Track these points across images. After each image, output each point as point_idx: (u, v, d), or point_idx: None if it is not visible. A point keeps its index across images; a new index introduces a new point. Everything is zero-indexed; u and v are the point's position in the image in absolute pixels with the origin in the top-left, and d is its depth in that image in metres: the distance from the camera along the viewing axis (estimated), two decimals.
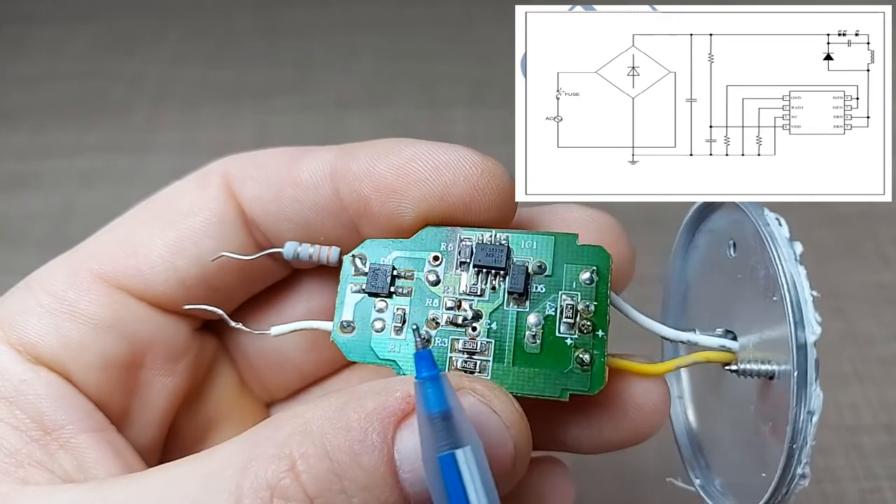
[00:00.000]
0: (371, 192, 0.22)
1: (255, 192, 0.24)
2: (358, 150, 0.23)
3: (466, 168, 0.22)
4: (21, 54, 0.60)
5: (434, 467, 0.17)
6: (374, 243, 0.23)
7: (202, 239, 0.23)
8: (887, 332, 0.40)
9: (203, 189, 0.24)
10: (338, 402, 0.19)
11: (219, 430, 0.26)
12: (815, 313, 0.19)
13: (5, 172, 0.51)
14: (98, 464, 0.21)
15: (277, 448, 0.18)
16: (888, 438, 0.36)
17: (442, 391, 0.18)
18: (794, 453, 0.19)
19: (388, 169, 0.22)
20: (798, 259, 0.20)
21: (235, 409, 0.27)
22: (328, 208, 0.23)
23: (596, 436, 0.23)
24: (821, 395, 0.19)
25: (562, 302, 0.21)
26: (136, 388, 0.24)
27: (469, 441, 0.17)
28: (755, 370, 0.21)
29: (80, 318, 0.23)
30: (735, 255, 0.22)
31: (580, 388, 0.21)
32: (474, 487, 0.17)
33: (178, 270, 0.23)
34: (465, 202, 0.22)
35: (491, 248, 0.22)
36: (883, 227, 0.45)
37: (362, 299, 0.22)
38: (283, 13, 0.63)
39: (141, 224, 0.24)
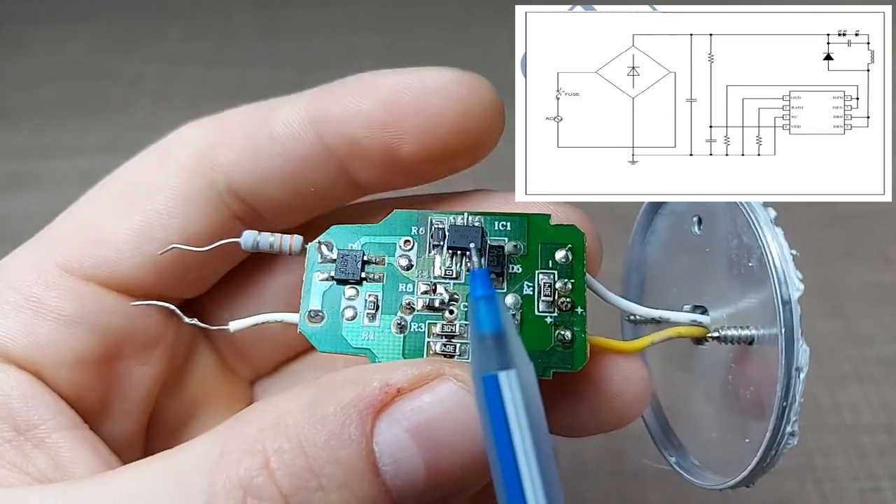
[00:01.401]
0: (360, 130, 0.22)
1: (230, 157, 0.23)
2: (333, 90, 0.22)
3: (454, 88, 0.21)
4: (21, 54, 0.60)
5: (479, 389, 0.16)
6: (340, 229, 0.22)
7: (169, 220, 0.22)
8: (887, 332, 0.40)
9: (165, 165, 0.23)
10: (312, 392, 0.18)
11: (202, 412, 0.25)
12: (796, 270, 0.19)
13: (5, 172, 0.51)
14: (75, 462, 0.21)
15: (250, 444, 0.17)
16: (888, 438, 0.36)
17: (497, 312, 0.17)
18: (784, 412, 0.19)
19: (375, 104, 0.22)
20: (773, 221, 0.20)
21: (218, 389, 0.26)
22: (312, 157, 0.22)
23: (579, 421, 0.23)
24: (807, 350, 0.19)
25: (538, 281, 0.21)
26: (112, 380, 0.23)
27: (518, 365, 0.16)
28: (735, 336, 0.21)
29: (49, 315, 0.22)
30: (701, 231, 0.23)
31: (563, 365, 0.21)
32: (515, 411, 0.16)
33: (147, 255, 0.22)
34: (459, 123, 0.21)
35: (464, 230, 0.21)
36: (883, 227, 0.45)
37: (330, 287, 0.21)
38: (283, 13, 0.63)
39: (103, 207, 0.23)
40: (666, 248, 0.25)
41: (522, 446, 0.16)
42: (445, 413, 0.18)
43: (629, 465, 0.35)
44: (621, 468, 0.35)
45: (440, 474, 0.18)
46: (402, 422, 0.18)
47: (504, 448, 0.16)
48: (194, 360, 0.25)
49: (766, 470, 0.20)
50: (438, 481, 0.18)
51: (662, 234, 0.25)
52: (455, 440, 0.18)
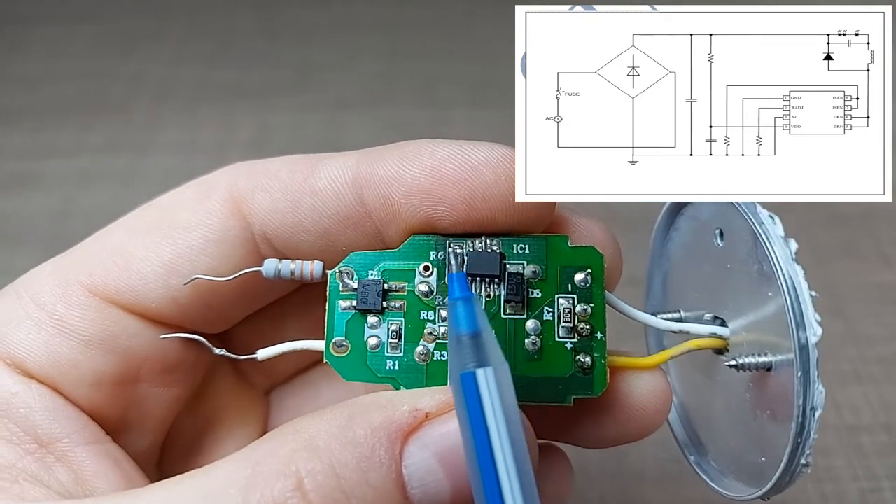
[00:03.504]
0: (402, 196, 0.21)
1: (268, 203, 0.22)
2: (383, 153, 0.22)
3: (508, 166, 0.21)
4: (21, 54, 0.60)
5: (457, 387, 0.17)
6: (359, 256, 0.22)
7: (200, 257, 0.22)
8: (887, 332, 0.40)
9: (204, 201, 0.23)
10: (343, 415, 0.18)
11: (219, 424, 0.26)
12: (815, 313, 0.19)
13: (5, 172, 0.51)
14: (97, 476, 0.21)
15: (283, 464, 0.17)
16: (888, 438, 0.36)
17: (473, 312, 0.18)
18: (799, 446, 0.19)
19: (421, 171, 0.21)
20: (794, 258, 0.20)
21: (234, 402, 0.26)
22: (350, 217, 0.22)
23: (600, 434, 0.23)
24: (823, 391, 0.19)
25: (558, 306, 0.21)
26: (131, 401, 0.23)
27: (494, 363, 0.17)
28: (752, 363, 0.21)
29: (71, 335, 0.22)
30: (723, 244, 0.23)
31: (583, 392, 0.21)
32: (492, 406, 0.17)
33: (172, 288, 0.22)
34: (507, 201, 0.21)
35: (484, 256, 0.21)
36: (883, 227, 0.45)
37: (353, 316, 0.22)
38: (283, 13, 0.63)
39: (135, 235, 0.23)
40: (688, 249, 0.25)
41: (499, 442, 0.17)
42: None
43: (630, 466, 0.35)
44: (622, 470, 0.35)
45: (465, 499, 0.18)
46: (431, 446, 0.18)
47: (482, 443, 0.17)
48: (213, 376, 0.26)
49: (780, 490, 0.20)
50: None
51: (685, 235, 0.25)
52: None
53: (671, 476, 0.35)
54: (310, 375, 0.27)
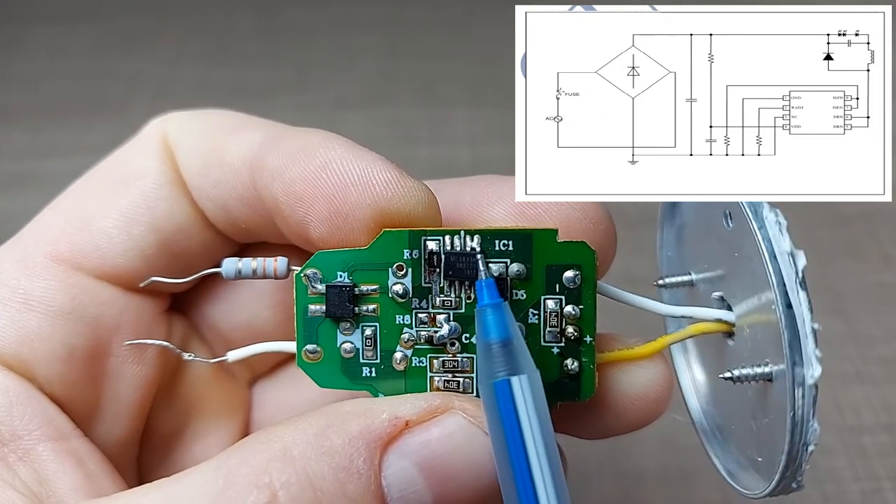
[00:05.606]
0: (280, 194, 0.20)
1: (184, 161, 0.22)
2: (282, 141, 0.21)
3: (376, 190, 0.19)
4: (21, 54, 0.60)
5: (490, 395, 0.17)
6: (326, 255, 0.20)
7: (155, 202, 0.22)
8: (888, 332, 0.40)
9: (145, 151, 0.22)
10: (319, 423, 0.18)
11: (198, 417, 0.25)
12: (816, 349, 0.17)
13: (5, 172, 0.51)
14: (57, 476, 0.20)
15: (256, 475, 0.17)
16: (889, 439, 0.36)
17: (504, 319, 0.18)
18: (786, 475, 0.19)
19: (299, 174, 0.20)
20: (800, 280, 0.18)
21: (214, 391, 0.25)
22: (245, 196, 0.21)
23: (600, 426, 0.22)
24: (818, 429, 0.18)
25: (545, 308, 0.20)
26: (103, 378, 0.22)
27: (527, 370, 0.17)
28: (751, 374, 0.20)
29: (37, 307, 0.21)
30: (731, 228, 0.21)
31: (570, 397, 0.20)
32: (527, 414, 0.16)
33: (137, 238, 0.22)
34: (369, 227, 0.19)
35: (462, 257, 0.19)
36: (884, 227, 0.45)
37: (324, 321, 0.20)
38: (283, 13, 0.63)
39: (88, 196, 0.22)
40: (699, 216, 0.23)
41: (535, 450, 0.16)
42: (454, 447, 0.18)
43: (630, 467, 0.35)
44: (622, 471, 0.35)
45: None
46: (411, 455, 0.18)
47: (518, 452, 0.16)
48: (188, 362, 0.24)
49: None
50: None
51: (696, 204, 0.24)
52: (463, 475, 0.18)
53: (672, 476, 0.35)
54: (291, 368, 0.26)
